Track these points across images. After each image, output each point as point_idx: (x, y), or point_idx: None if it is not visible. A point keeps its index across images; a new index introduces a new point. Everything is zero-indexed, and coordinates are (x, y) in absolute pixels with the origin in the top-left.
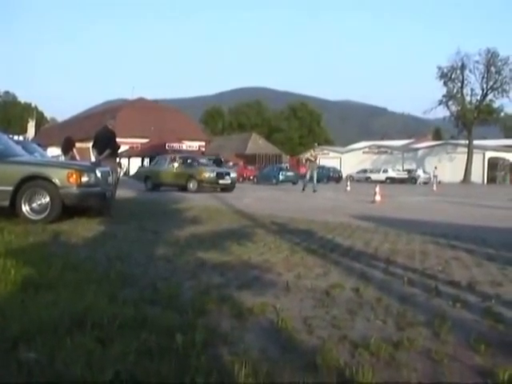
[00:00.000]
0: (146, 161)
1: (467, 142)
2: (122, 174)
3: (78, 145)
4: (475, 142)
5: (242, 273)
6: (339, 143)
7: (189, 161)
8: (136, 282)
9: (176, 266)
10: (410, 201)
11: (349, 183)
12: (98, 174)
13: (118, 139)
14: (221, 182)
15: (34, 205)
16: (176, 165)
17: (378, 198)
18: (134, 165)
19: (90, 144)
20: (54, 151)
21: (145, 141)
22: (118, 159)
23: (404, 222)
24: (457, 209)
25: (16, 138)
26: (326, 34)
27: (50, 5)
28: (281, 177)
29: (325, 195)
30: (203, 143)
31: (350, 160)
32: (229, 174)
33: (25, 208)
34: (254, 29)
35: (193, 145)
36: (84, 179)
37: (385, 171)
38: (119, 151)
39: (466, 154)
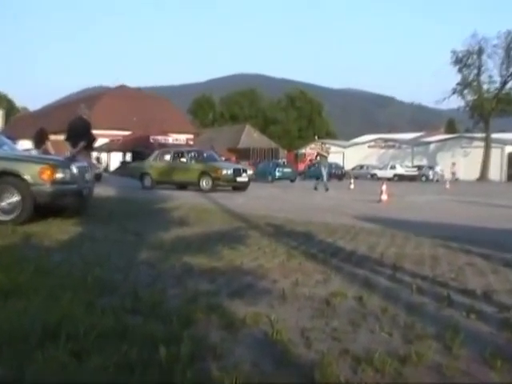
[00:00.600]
0: (129, 155)
1: (484, 135)
2: (102, 169)
3: (52, 137)
4: (493, 136)
5: (234, 279)
6: (342, 136)
7: (201, 155)
8: (116, 289)
9: (160, 271)
10: (420, 200)
11: (352, 181)
12: (74, 170)
13: (95, 131)
14: (238, 179)
15: (3, 204)
16: (184, 160)
17: (384, 197)
18: (115, 160)
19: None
20: (25, 144)
21: (127, 133)
22: (95, 153)
23: (413, 223)
24: (472, 209)
25: None
26: (327, 16)
27: None
28: (277, 173)
29: (326, 194)
30: (191, 136)
31: (353, 155)
32: (246, 170)
33: None
34: (248, 10)
35: (180, 138)
36: (58, 175)
37: (392, 167)
38: (95, 144)
39: (482, 148)
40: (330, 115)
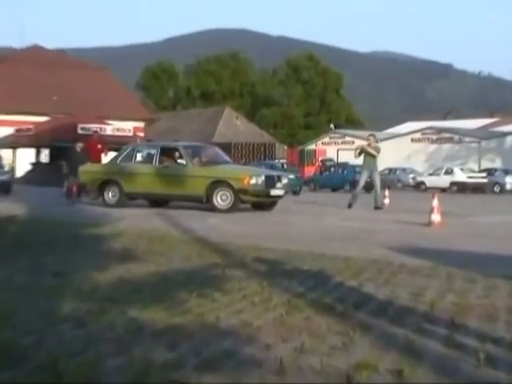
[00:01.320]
0: (45, 153)
1: None
2: (9, 176)
3: None
4: None
5: (206, 344)
6: (372, 124)
7: (209, 154)
8: (25, 359)
9: (93, 332)
10: (492, 222)
11: (387, 193)
12: None
13: None
14: (273, 193)
15: None
16: (183, 161)
17: (436, 217)
18: (23, 160)
19: None
20: None
21: (42, 119)
22: None
23: (480, 257)
24: None
25: None
26: None
27: None
28: None
29: (347, 212)
30: (141, 124)
31: (389, 152)
32: (280, 178)
33: None
34: None
35: (124, 126)
36: None
37: (448, 172)
38: None
39: None
40: (353, 93)
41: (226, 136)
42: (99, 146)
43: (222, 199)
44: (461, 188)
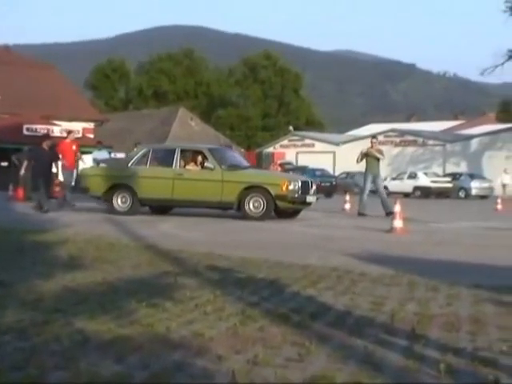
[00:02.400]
0: None
1: None
2: None
3: None
4: None
5: (155, 356)
6: (333, 126)
7: (235, 158)
8: None
9: (36, 343)
10: (456, 229)
11: (348, 198)
12: None
13: None
14: (308, 199)
15: None
16: (210, 165)
17: (398, 223)
18: None
19: None
20: None
21: None
22: None
23: (443, 265)
24: None
25: None
26: None
27: None
28: None
29: (306, 218)
30: (91, 125)
31: (350, 156)
32: (313, 184)
33: None
34: None
35: (73, 127)
36: None
37: (412, 176)
38: None
39: None
40: (313, 93)
41: (180, 138)
42: (74, 148)
43: (254, 206)
44: (425, 193)
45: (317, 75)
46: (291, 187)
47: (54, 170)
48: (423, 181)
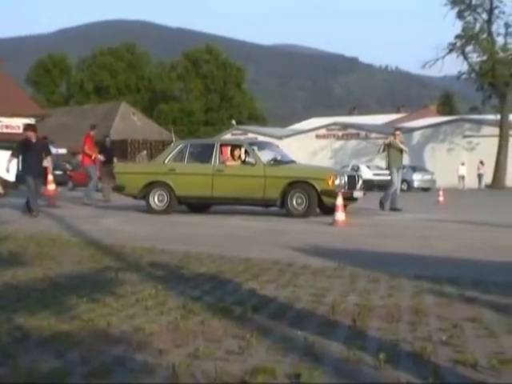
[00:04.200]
0: None
1: (498, 116)
2: None
3: None
4: None
5: (95, 351)
6: (276, 120)
7: (275, 152)
8: None
9: None
10: (398, 221)
11: None
12: None
13: None
14: (355, 194)
15: None
16: (252, 160)
17: (340, 216)
18: None
19: None
20: None
21: None
22: None
23: (385, 257)
24: (479, 235)
25: None
26: None
27: None
28: None
29: (253, 212)
30: (32, 120)
31: (293, 149)
32: (359, 179)
33: None
34: None
35: (12, 123)
36: None
37: (354, 169)
38: None
39: (497, 137)
40: (256, 87)
41: (122, 133)
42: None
43: (297, 203)
44: (367, 186)
45: (259, 69)
46: (337, 182)
47: (46, 164)
48: (365, 173)
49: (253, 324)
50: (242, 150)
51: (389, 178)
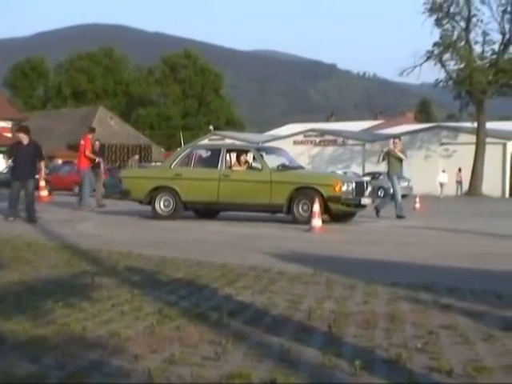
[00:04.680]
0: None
1: (475, 124)
2: None
3: None
4: (490, 126)
5: (71, 356)
6: (253, 126)
7: (283, 157)
8: None
9: None
10: (375, 227)
11: None
12: None
13: None
14: (363, 202)
15: None
16: (258, 165)
17: (317, 222)
18: None
19: None
20: None
21: None
22: None
23: (361, 263)
24: (455, 242)
25: None
26: None
27: None
28: None
29: (227, 217)
30: (9, 124)
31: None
32: (368, 185)
33: None
34: None
35: None
36: None
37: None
38: None
39: (473, 145)
40: (234, 93)
41: (99, 137)
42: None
43: (302, 209)
44: None
45: (237, 75)
46: (344, 188)
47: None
48: None
49: (229, 330)
50: (249, 155)
51: (389, 185)
